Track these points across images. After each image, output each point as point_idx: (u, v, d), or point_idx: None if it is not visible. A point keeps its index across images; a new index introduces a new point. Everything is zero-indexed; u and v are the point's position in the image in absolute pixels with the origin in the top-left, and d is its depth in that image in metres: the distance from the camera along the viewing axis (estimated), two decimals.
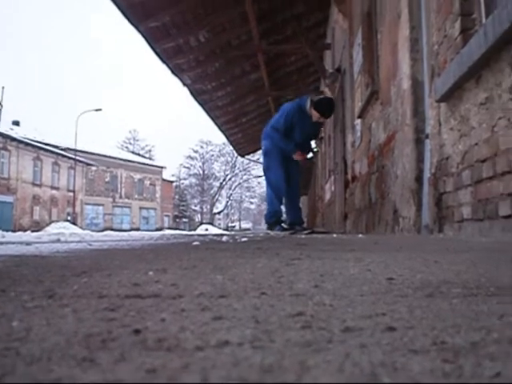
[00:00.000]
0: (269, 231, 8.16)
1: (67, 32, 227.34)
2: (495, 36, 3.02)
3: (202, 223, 63.10)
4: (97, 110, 47.36)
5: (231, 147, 32.10)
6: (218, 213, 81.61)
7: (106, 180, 58.40)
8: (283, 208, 8.61)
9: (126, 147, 79.15)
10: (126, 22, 10.45)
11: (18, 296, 1.11)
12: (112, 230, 42.04)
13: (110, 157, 59.11)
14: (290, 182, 8.17)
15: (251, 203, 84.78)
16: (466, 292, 1.11)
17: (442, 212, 4.38)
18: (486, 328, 0.74)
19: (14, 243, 4.20)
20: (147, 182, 64.86)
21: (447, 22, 4.06)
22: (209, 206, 78.12)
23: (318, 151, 20.06)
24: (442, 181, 4.37)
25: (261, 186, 72.07)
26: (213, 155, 76.50)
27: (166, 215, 69.96)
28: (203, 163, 76.83)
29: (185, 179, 79.23)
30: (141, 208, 63.60)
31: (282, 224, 8.26)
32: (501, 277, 1.35)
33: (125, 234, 9.76)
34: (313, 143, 8.96)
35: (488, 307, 0.92)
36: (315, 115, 7.57)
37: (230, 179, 75.75)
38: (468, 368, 0.55)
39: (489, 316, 0.84)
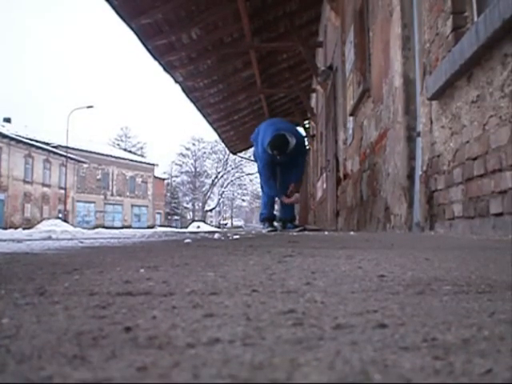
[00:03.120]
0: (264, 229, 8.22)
1: (59, 29, 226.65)
2: (487, 34, 3.03)
3: (193, 221, 62.98)
4: (88, 107, 47.17)
5: (223, 145, 32.09)
6: (210, 210, 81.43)
7: (98, 177, 58.18)
8: (276, 206, 8.65)
9: (118, 144, 78.85)
10: (118, 18, 10.43)
11: (9, 293, 1.10)
12: (103, 227, 41.94)
13: (101, 154, 58.88)
14: (284, 178, 8.14)
15: (243, 201, 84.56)
16: (456, 289, 1.11)
17: (434, 209, 4.39)
18: (477, 325, 0.75)
19: (4, 241, 4.18)
20: (139, 180, 64.67)
21: (439, 20, 4.07)
22: (201, 204, 77.96)
23: (309, 149, 20.05)
24: (433, 178, 4.38)
25: (253, 183, 72.07)
26: (205, 152, 76.29)
27: (158, 213, 69.82)
28: (195, 160, 76.62)
29: (177, 176, 79.02)
30: (132, 205, 63.42)
31: (274, 222, 8.28)
32: (491, 274, 1.35)
33: (116, 231, 9.73)
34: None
35: (479, 304, 0.93)
36: (276, 155, 7.52)
37: (221, 177, 75.57)
38: (459, 365, 0.55)
39: (479, 313, 0.84)
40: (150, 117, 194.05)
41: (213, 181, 75.93)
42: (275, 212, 8.53)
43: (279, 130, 7.69)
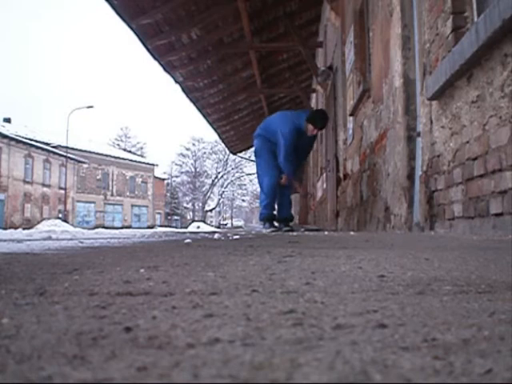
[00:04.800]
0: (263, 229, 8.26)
1: (59, 29, 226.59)
2: (487, 34, 3.03)
3: (193, 221, 62.99)
4: (88, 107, 47.16)
5: (223, 145, 32.08)
6: (210, 210, 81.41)
7: (98, 177, 58.17)
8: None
9: (118, 144, 78.85)
10: (118, 18, 10.43)
11: (9, 293, 1.10)
12: (103, 227, 41.95)
13: (101, 154, 58.89)
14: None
15: (243, 201, 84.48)
16: (456, 289, 1.11)
17: (434, 210, 4.39)
18: (477, 325, 0.75)
19: (4, 241, 4.18)
20: (139, 180, 64.67)
21: (439, 20, 4.07)
22: (201, 204, 77.94)
23: None
24: (433, 178, 4.38)
25: (253, 183, 72.11)
26: (205, 153, 76.29)
27: (158, 213, 69.84)
28: (195, 161, 76.61)
29: (177, 177, 79.04)
30: (132, 205, 63.42)
31: (274, 222, 8.27)
32: (491, 274, 1.35)
33: (116, 231, 9.73)
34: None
35: (479, 304, 0.93)
36: (310, 129, 7.74)
37: (221, 177, 75.56)
38: (458, 365, 0.55)
39: (479, 313, 0.84)
40: (150, 117, 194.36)
41: (213, 181, 75.93)
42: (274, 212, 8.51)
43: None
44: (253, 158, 8.98)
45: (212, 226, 57.73)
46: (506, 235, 2.94)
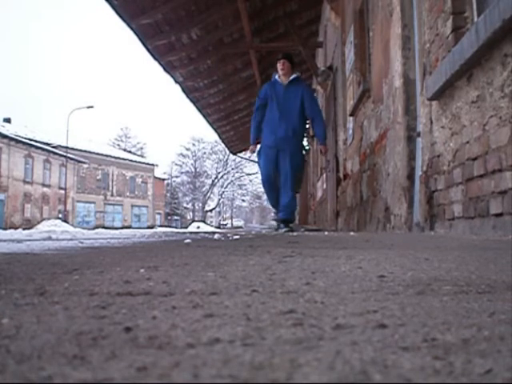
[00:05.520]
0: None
1: (59, 29, 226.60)
2: (487, 34, 3.03)
3: (193, 221, 62.95)
4: (88, 107, 47.11)
5: (223, 145, 32.04)
6: (210, 210, 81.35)
7: (98, 178, 58.12)
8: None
9: (118, 144, 78.79)
10: (118, 19, 10.43)
11: (9, 293, 1.10)
12: (103, 227, 41.95)
13: (101, 154, 58.85)
14: (281, 177, 7.95)
15: (243, 201, 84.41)
16: (456, 289, 1.11)
17: (434, 210, 4.39)
18: (477, 325, 0.75)
19: (4, 241, 4.18)
20: (139, 180, 64.63)
21: (439, 21, 4.07)
22: (201, 204, 77.88)
23: (309, 149, 20.04)
24: (433, 178, 4.38)
25: (253, 183, 72.19)
26: (205, 153, 76.21)
27: (158, 213, 69.80)
28: (195, 161, 76.54)
29: (177, 177, 78.97)
30: (132, 206, 63.38)
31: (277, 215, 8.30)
32: (491, 274, 1.35)
33: (116, 231, 9.73)
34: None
35: (479, 304, 0.93)
36: (278, 67, 7.83)
37: (221, 177, 75.49)
38: (458, 365, 0.55)
39: (479, 313, 0.84)
40: (150, 117, 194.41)
41: (213, 181, 75.87)
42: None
43: None
44: (253, 158, 8.91)
45: (212, 226, 57.71)
46: (505, 235, 2.94)
